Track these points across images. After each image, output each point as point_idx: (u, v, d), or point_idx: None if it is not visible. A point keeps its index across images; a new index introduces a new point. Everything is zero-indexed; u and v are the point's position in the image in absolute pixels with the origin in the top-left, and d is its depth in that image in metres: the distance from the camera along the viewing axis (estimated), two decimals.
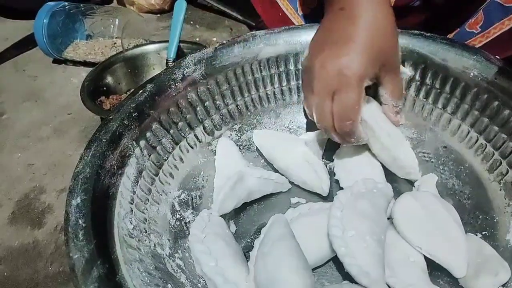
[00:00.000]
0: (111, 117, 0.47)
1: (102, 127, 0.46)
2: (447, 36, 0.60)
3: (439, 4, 0.61)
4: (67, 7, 0.83)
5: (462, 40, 0.58)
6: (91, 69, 0.71)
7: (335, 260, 0.44)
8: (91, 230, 0.37)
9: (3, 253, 0.53)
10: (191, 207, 0.50)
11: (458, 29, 0.60)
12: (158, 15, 0.99)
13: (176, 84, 0.52)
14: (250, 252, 0.45)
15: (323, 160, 0.56)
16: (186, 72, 0.53)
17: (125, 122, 0.47)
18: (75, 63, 0.85)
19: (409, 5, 0.62)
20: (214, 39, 0.90)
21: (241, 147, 0.57)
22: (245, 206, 0.51)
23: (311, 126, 0.58)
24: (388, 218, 0.47)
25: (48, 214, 0.57)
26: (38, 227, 0.56)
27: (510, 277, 0.39)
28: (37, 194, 0.61)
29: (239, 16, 0.90)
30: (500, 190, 0.46)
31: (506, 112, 0.46)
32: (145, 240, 0.42)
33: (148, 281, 0.37)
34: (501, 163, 0.46)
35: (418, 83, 0.53)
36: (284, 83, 0.58)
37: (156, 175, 0.48)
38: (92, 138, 0.45)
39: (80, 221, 0.37)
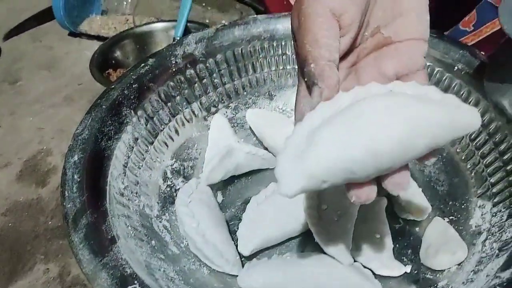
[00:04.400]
0: (113, 86, 0.51)
1: (103, 94, 0.50)
2: (444, 33, 0.62)
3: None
4: None
5: (456, 37, 0.59)
6: (103, 43, 0.75)
7: (310, 232, 0.48)
8: (84, 185, 0.41)
9: (9, 206, 0.58)
10: (182, 176, 0.54)
11: (454, 26, 0.62)
12: None
13: (177, 60, 0.55)
14: (242, 213, 0.49)
15: None
16: (187, 50, 0.56)
17: (125, 92, 0.51)
18: (90, 36, 0.89)
19: None
20: (223, 21, 0.92)
21: (235, 124, 0.60)
22: (233, 179, 0.55)
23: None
24: None
25: (53, 175, 0.62)
26: (42, 186, 0.60)
27: (466, 257, 0.42)
28: (44, 156, 0.65)
29: (248, 0, 0.93)
30: (471, 179, 0.48)
31: (483, 104, 0.48)
32: (135, 200, 0.46)
33: (133, 235, 0.41)
34: (474, 153, 0.49)
35: None
36: (281, 67, 0.61)
37: (151, 143, 0.52)
38: (93, 104, 0.49)
39: (75, 176, 0.41)
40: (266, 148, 0.58)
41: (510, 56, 0.39)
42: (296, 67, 0.59)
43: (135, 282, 0.34)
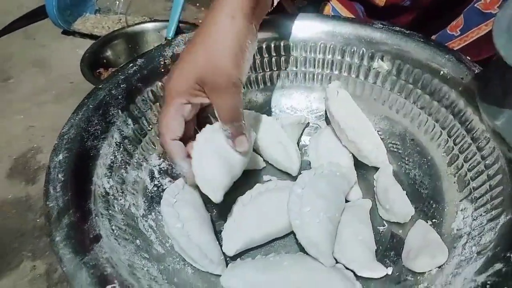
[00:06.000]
0: (100, 86, 0.51)
1: (91, 94, 0.50)
2: (431, 37, 0.63)
3: (426, 5, 0.63)
4: None
5: (443, 41, 0.60)
6: (94, 41, 0.75)
7: (294, 233, 0.48)
8: (68, 184, 0.41)
9: None
10: (169, 176, 0.54)
11: (442, 31, 0.63)
12: None
13: (166, 61, 0.56)
14: (228, 214, 0.49)
15: (301, 142, 0.60)
16: (176, 51, 0.57)
17: (113, 92, 0.51)
18: (83, 35, 0.89)
19: (399, 5, 0.65)
20: None
21: None
22: None
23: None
24: (346, 201, 0.51)
25: (42, 172, 0.62)
26: (32, 183, 0.61)
27: (446, 260, 0.42)
28: (34, 153, 0.65)
29: None
30: (454, 183, 0.49)
31: (468, 110, 0.49)
32: (121, 200, 0.46)
33: (117, 234, 0.41)
34: (458, 157, 0.49)
35: (394, 77, 0.56)
36: (270, 69, 0.61)
37: (139, 143, 0.52)
38: (80, 103, 0.49)
39: (59, 175, 0.41)
40: (254, 150, 0.58)
41: (501, 77, 0.39)
42: (285, 69, 0.60)
43: (115, 281, 0.34)
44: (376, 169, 0.55)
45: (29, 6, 0.97)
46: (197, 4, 0.99)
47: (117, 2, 0.87)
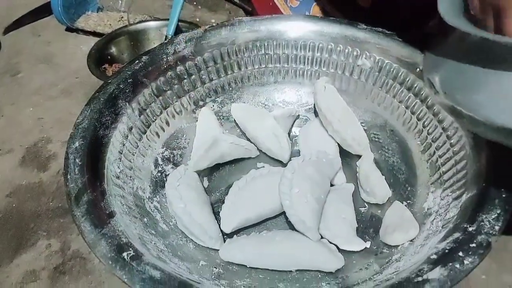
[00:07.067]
0: (110, 81, 0.56)
1: (101, 88, 0.55)
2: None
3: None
4: None
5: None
6: (99, 39, 0.80)
7: (285, 214, 0.54)
8: (85, 168, 0.46)
9: (13, 189, 0.63)
10: (172, 163, 0.60)
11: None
12: None
13: (168, 58, 0.61)
14: (225, 196, 0.54)
15: (292, 133, 0.66)
16: (177, 48, 0.62)
17: (121, 86, 0.56)
18: (86, 32, 0.94)
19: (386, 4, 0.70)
20: (213, 21, 0.98)
21: (221, 117, 0.66)
22: (218, 166, 0.61)
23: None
24: (332, 185, 0.56)
25: (53, 161, 0.67)
26: (44, 171, 0.66)
27: (417, 235, 0.48)
28: (45, 143, 0.70)
29: (237, 0, 0.98)
30: (427, 168, 0.54)
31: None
32: (129, 183, 0.52)
33: (128, 212, 0.47)
34: (431, 145, 0.55)
35: (376, 74, 0.62)
36: (263, 65, 0.66)
37: (144, 133, 0.57)
38: (92, 96, 0.54)
39: (77, 160, 0.47)
40: (248, 139, 0.64)
41: (446, 33, 0.43)
42: (277, 65, 0.65)
43: (130, 249, 0.39)
44: (359, 156, 0.60)
45: (33, 5, 1.02)
46: (195, 3, 1.03)
47: (120, 1, 0.92)
